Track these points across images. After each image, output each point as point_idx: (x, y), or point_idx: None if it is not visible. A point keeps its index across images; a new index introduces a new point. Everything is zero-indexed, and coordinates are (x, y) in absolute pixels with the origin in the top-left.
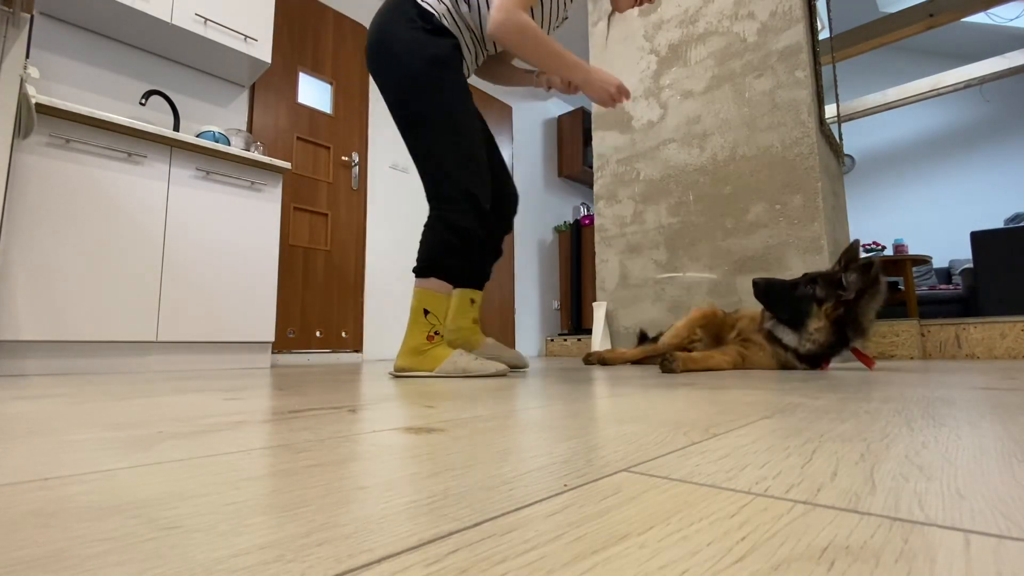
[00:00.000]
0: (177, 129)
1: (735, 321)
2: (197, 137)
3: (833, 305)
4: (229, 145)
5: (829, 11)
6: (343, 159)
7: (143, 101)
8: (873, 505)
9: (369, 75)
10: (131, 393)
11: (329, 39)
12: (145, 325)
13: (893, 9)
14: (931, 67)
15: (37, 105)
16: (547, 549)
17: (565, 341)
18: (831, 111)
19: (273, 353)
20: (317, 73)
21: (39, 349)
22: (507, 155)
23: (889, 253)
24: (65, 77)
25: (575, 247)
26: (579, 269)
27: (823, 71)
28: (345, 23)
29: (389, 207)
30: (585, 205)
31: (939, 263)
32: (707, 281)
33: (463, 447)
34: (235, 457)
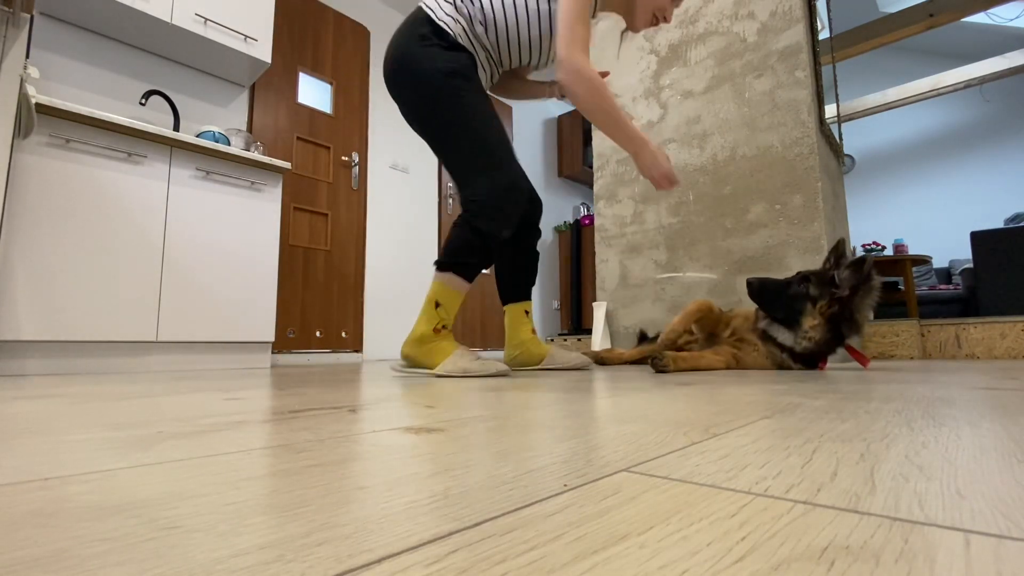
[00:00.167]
0: (177, 129)
1: (730, 319)
2: (197, 137)
3: (827, 303)
4: (229, 145)
5: (829, 11)
6: (343, 159)
7: (143, 101)
8: (873, 505)
9: (369, 75)
10: (131, 393)
11: (329, 39)
12: (145, 325)
13: (893, 9)
14: (931, 67)
15: (37, 105)
16: (547, 549)
17: (565, 341)
18: (831, 111)
19: (273, 353)
20: (317, 73)
21: (39, 349)
22: None
23: (889, 253)
24: (65, 77)
25: (575, 247)
26: (579, 269)
27: (823, 71)
28: (345, 23)
29: (389, 207)
30: (585, 205)
31: (939, 263)
32: (707, 281)
33: (463, 447)
34: (235, 457)
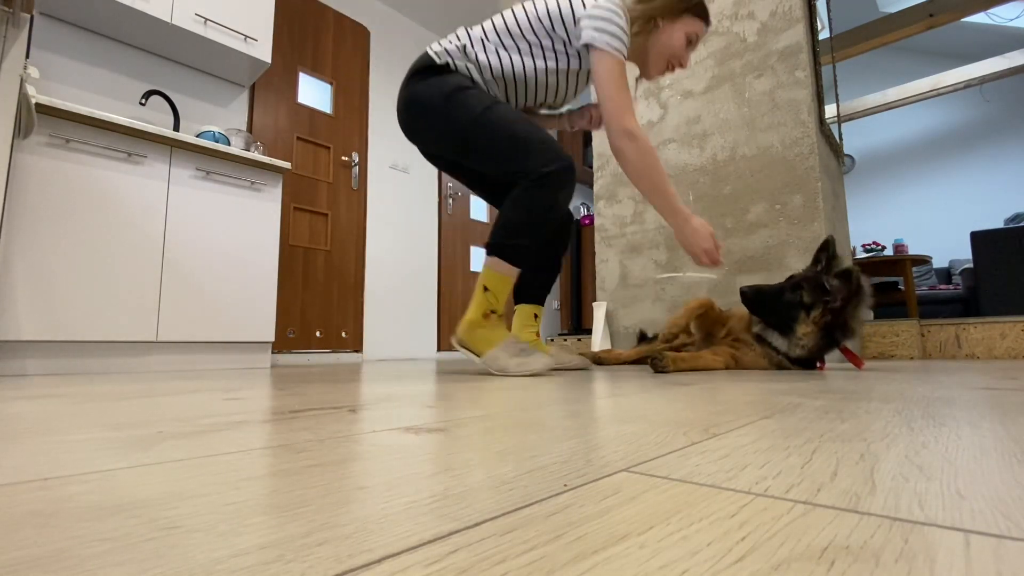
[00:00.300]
0: (177, 129)
1: (727, 320)
2: (197, 137)
3: (821, 312)
4: (229, 145)
5: (829, 11)
6: (343, 159)
7: (143, 101)
8: (873, 505)
9: (369, 75)
10: (131, 393)
11: (329, 39)
12: (145, 325)
13: (893, 9)
14: (931, 67)
15: (37, 105)
16: (547, 549)
17: (565, 341)
18: (831, 111)
19: (273, 353)
20: (317, 73)
21: (39, 349)
22: None
23: (889, 253)
24: (65, 77)
25: (575, 247)
26: (579, 269)
27: (823, 71)
28: (345, 23)
29: (389, 207)
30: (585, 205)
31: (939, 263)
32: (707, 281)
33: (463, 447)
34: (235, 457)
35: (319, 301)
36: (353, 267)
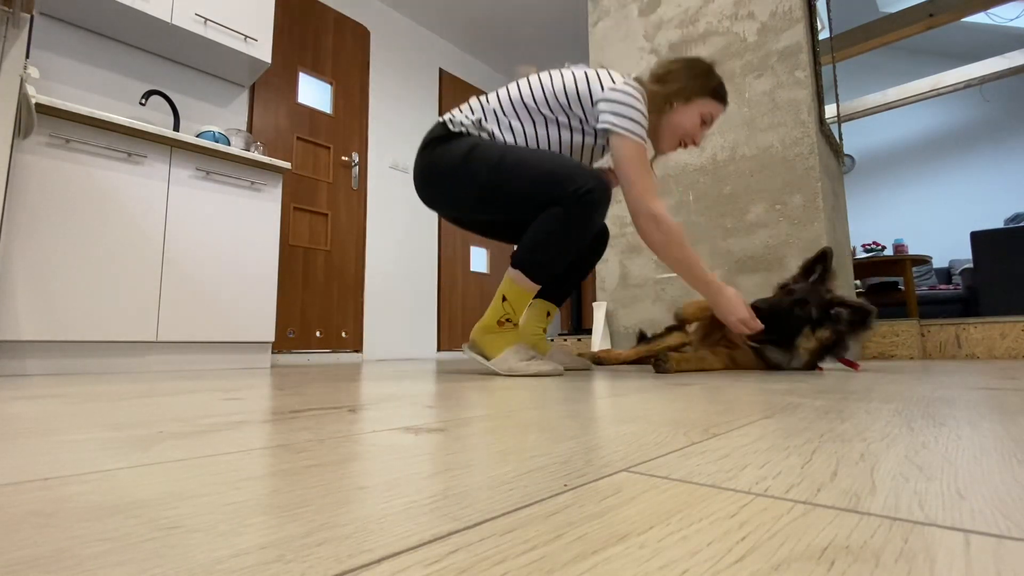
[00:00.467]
0: (177, 129)
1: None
2: (197, 137)
3: (828, 335)
4: (229, 145)
5: (829, 11)
6: (343, 159)
7: (143, 101)
8: (873, 505)
9: (369, 75)
10: (131, 393)
11: (329, 39)
12: (145, 325)
13: (893, 9)
14: (931, 67)
15: (37, 105)
16: (547, 549)
17: (565, 341)
18: (831, 111)
19: (273, 353)
20: (317, 73)
21: (39, 349)
22: None
23: (889, 253)
24: (65, 77)
25: None
26: None
27: (823, 71)
28: (345, 23)
29: (389, 207)
30: None
31: (939, 263)
32: None
33: (463, 447)
34: (235, 457)
35: (319, 301)
36: (353, 267)
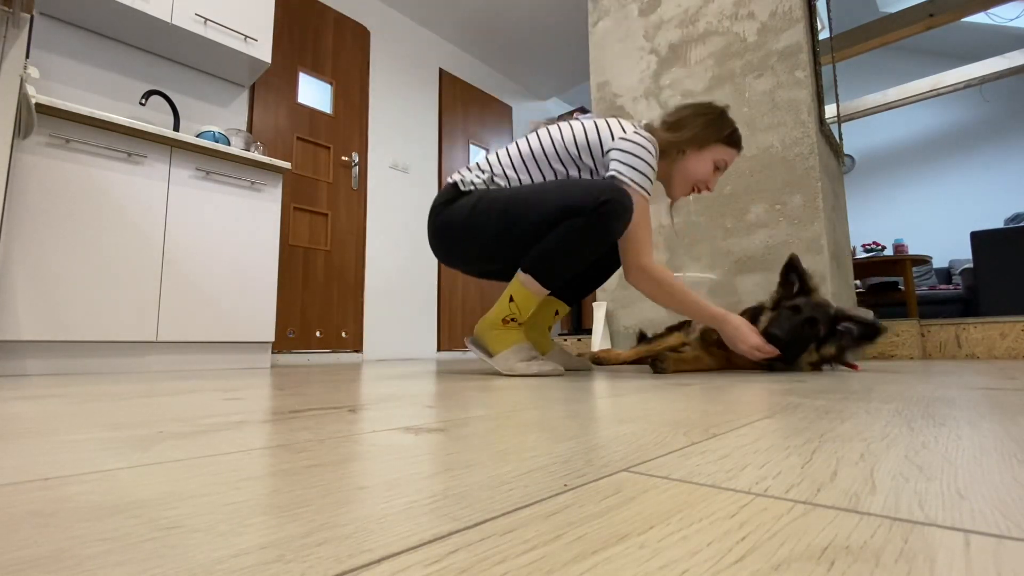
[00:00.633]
0: (177, 129)
1: None
2: (197, 137)
3: (832, 351)
4: (229, 145)
5: (829, 11)
6: (343, 159)
7: (143, 101)
8: (873, 505)
9: (369, 75)
10: (131, 393)
11: (329, 39)
12: (145, 325)
13: (893, 9)
14: (931, 67)
15: (37, 105)
16: (547, 549)
17: (565, 341)
18: (831, 111)
19: (273, 353)
20: (317, 73)
21: (39, 349)
22: None
23: (889, 253)
24: (65, 77)
25: None
26: None
27: (823, 71)
28: (345, 23)
29: (389, 207)
30: None
31: (939, 263)
32: (707, 281)
33: (463, 447)
34: (235, 457)
35: (319, 301)
36: (353, 267)
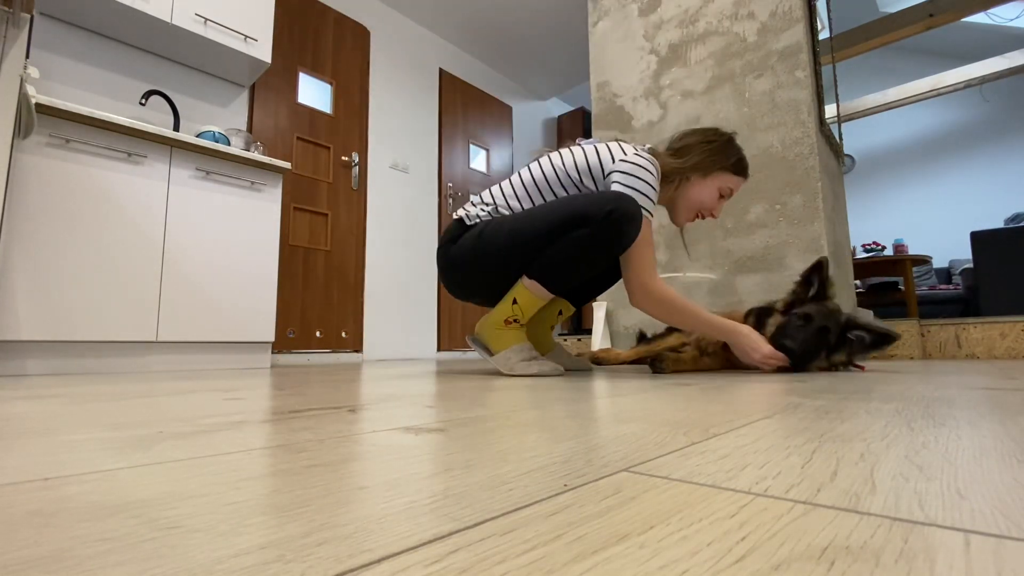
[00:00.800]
0: (177, 129)
1: None
2: (197, 137)
3: (842, 359)
4: (229, 145)
5: (829, 11)
6: (343, 159)
7: (143, 101)
8: (873, 505)
9: (369, 75)
10: (131, 393)
11: (329, 39)
12: (145, 325)
13: (893, 9)
14: (931, 67)
15: (37, 105)
16: (547, 549)
17: (565, 341)
18: (831, 111)
19: (273, 353)
20: (317, 73)
21: (39, 349)
22: (506, 155)
23: (889, 253)
24: (65, 77)
25: None
26: None
27: (823, 71)
28: (345, 23)
29: (389, 207)
30: None
31: (939, 263)
32: (707, 281)
33: (463, 447)
34: (235, 457)
35: (319, 301)
36: (353, 267)
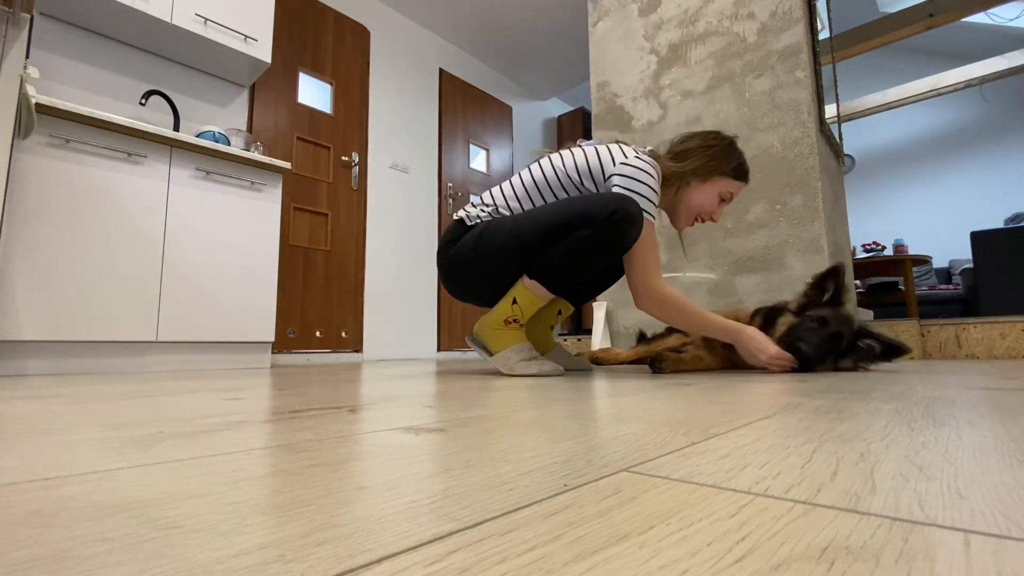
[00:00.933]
0: (177, 129)
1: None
2: (197, 137)
3: (849, 365)
4: (229, 145)
5: (829, 11)
6: (343, 159)
7: (143, 101)
8: (873, 505)
9: (369, 75)
10: (131, 393)
11: (329, 39)
12: (145, 325)
13: (893, 9)
14: (931, 67)
15: (37, 105)
16: (547, 549)
17: (565, 341)
18: (831, 111)
19: (273, 353)
20: (317, 73)
21: (39, 349)
22: (506, 155)
23: (889, 253)
24: (65, 77)
25: None
26: None
27: (823, 71)
28: (345, 23)
29: (389, 207)
30: None
31: (939, 263)
32: (707, 281)
33: (463, 447)
34: (235, 457)
35: (319, 301)
36: (353, 267)
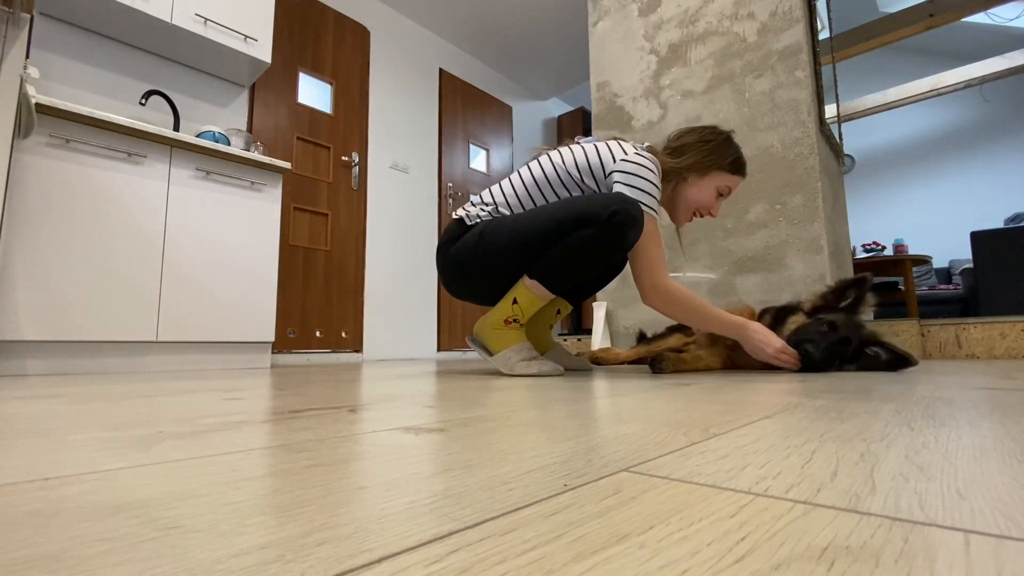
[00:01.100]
0: (177, 129)
1: None
2: (197, 137)
3: (854, 369)
4: (229, 145)
5: (829, 11)
6: (343, 159)
7: (143, 101)
8: (873, 505)
9: (369, 75)
10: (131, 393)
11: (329, 39)
12: (145, 325)
13: (893, 9)
14: (931, 67)
15: (37, 105)
16: (547, 549)
17: (565, 341)
18: (831, 111)
19: (273, 353)
20: (317, 73)
21: (39, 349)
22: (506, 155)
23: (889, 253)
24: (65, 77)
25: None
26: None
27: (823, 71)
28: (345, 23)
29: (389, 207)
30: None
31: (939, 263)
32: (707, 281)
33: (463, 447)
34: (235, 457)
35: (319, 301)
36: (353, 267)
